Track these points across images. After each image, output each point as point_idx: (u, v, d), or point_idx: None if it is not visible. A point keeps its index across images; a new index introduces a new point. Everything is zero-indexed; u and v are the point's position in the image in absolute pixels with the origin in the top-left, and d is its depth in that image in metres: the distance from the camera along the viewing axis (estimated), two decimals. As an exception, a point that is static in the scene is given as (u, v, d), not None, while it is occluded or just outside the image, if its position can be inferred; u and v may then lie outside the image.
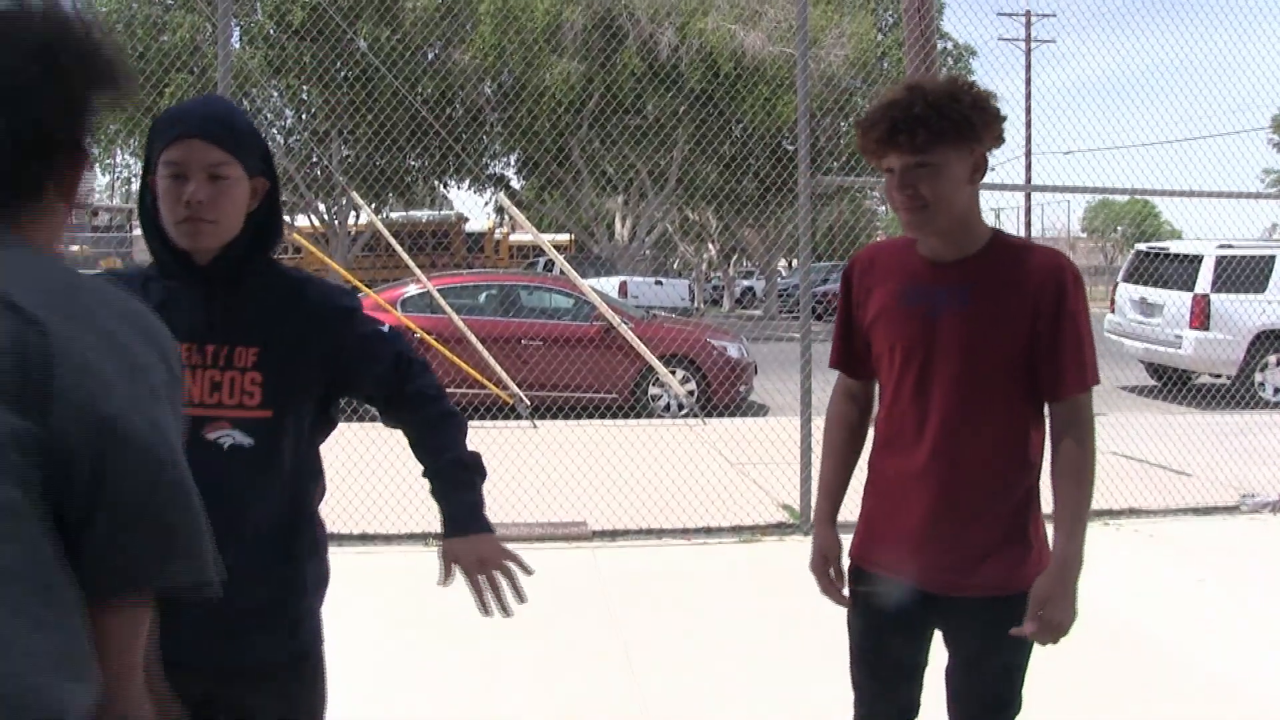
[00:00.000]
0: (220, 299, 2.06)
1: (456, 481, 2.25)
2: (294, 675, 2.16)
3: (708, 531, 6.54)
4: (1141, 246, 14.71)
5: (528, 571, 2.22)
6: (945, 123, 2.21)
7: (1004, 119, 2.34)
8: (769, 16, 21.56)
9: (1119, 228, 58.46)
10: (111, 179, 30.77)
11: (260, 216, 2.10)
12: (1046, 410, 2.36)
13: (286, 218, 23.03)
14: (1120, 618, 5.09)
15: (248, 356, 2.05)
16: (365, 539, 6.38)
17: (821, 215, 29.52)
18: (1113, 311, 14.60)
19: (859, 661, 2.56)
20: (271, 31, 22.84)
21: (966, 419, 2.31)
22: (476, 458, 2.28)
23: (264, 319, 2.08)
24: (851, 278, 2.52)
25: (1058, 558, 2.28)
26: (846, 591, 2.55)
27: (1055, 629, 2.26)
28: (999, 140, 2.35)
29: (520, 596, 2.21)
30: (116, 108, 1.38)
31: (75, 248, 29.81)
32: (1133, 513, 7.01)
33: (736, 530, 6.53)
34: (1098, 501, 7.00)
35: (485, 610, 2.19)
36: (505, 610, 2.19)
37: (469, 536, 2.20)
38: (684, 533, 6.49)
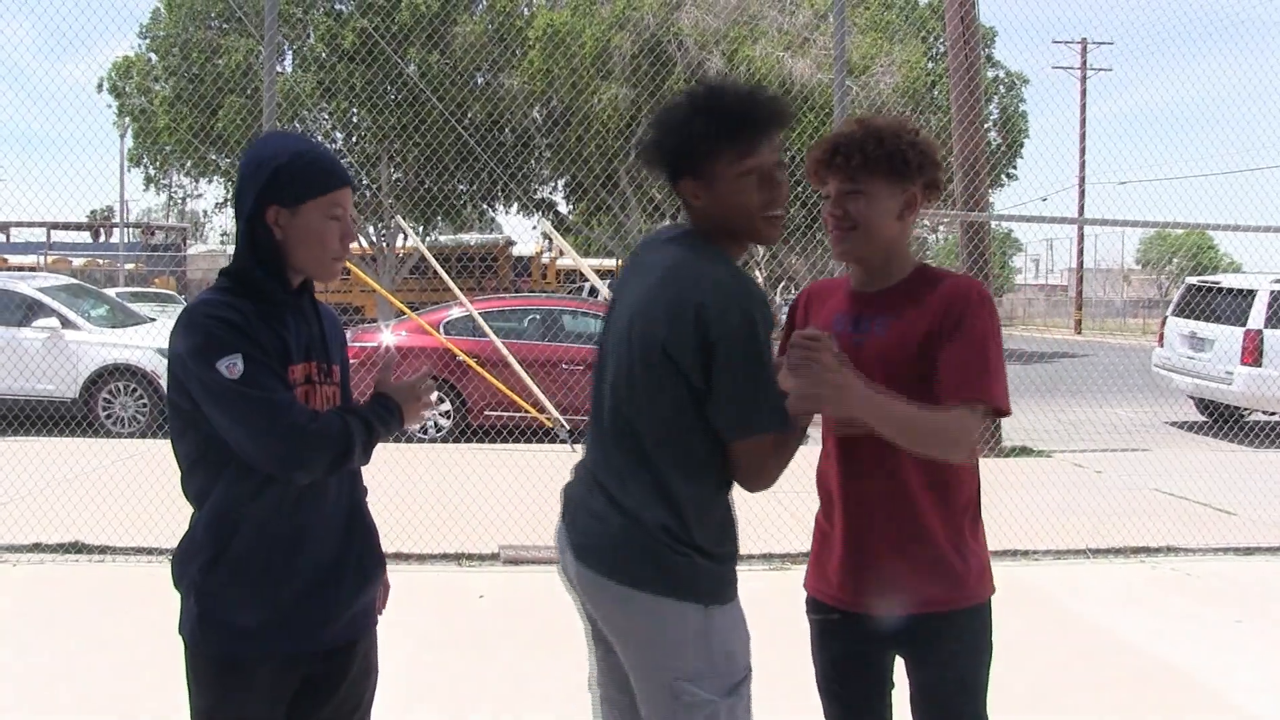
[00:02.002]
0: (312, 322, 2.33)
1: None
2: (366, 653, 2.47)
3: (740, 558, 6.51)
4: (1192, 280, 14.52)
5: None
6: (880, 151, 2.34)
7: (942, 168, 2.45)
8: (817, 44, 21.58)
9: (1174, 259, 57.74)
10: (167, 199, 31.33)
11: None
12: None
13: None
14: (1154, 657, 5.03)
15: (337, 373, 2.37)
16: (398, 558, 6.43)
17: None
18: (1161, 346, 14.41)
19: (824, 691, 2.62)
20: (323, 55, 23.17)
21: (888, 442, 2.25)
22: None
23: (334, 339, 2.39)
24: (796, 310, 2.65)
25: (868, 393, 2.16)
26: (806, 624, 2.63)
27: (811, 381, 2.08)
28: (935, 187, 2.45)
29: None
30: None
31: (130, 265, 30.36)
32: (1171, 551, 6.91)
33: (767, 558, 6.52)
34: (1137, 539, 6.90)
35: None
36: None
37: None
38: (715, 559, 6.47)
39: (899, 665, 2.55)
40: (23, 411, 10.44)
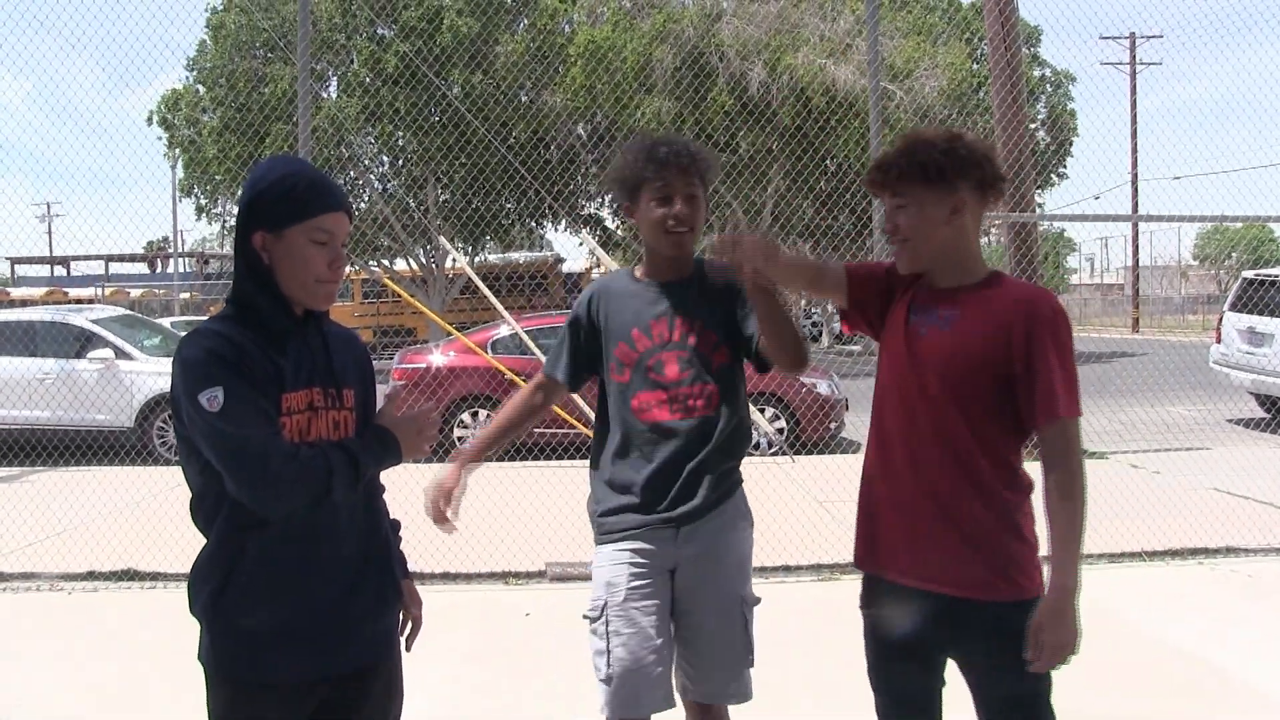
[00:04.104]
0: (316, 348, 2.30)
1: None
2: (388, 676, 2.46)
3: (786, 570, 6.47)
4: (1248, 274, 14.23)
5: None
6: (914, 164, 2.43)
7: (990, 167, 2.47)
8: (859, 50, 21.47)
9: (1233, 254, 56.71)
10: (221, 227, 31.86)
11: None
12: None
13: (385, 262, 23.37)
14: (1210, 662, 4.89)
15: (350, 398, 2.31)
16: (445, 577, 6.46)
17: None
18: (1218, 342, 14.13)
19: (874, 683, 2.67)
20: (367, 80, 23.43)
21: (944, 433, 2.44)
22: None
23: (346, 364, 2.36)
24: (891, 271, 2.67)
25: (1051, 585, 2.35)
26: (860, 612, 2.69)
27: (1055, 651, 2.32)
28: (989, 185, 2.49)
29: None
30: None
31: (186, 294, 30.86)
32: (1230, 551, 6.74)
33: (815, 569, 6.45)
34: (1195, 540, 6.72)
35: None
36: None
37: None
38: (761, 571, 6.42)
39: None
40: (79, 442, 10.61)
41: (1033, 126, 27.63)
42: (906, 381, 2.49)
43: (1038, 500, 2.46)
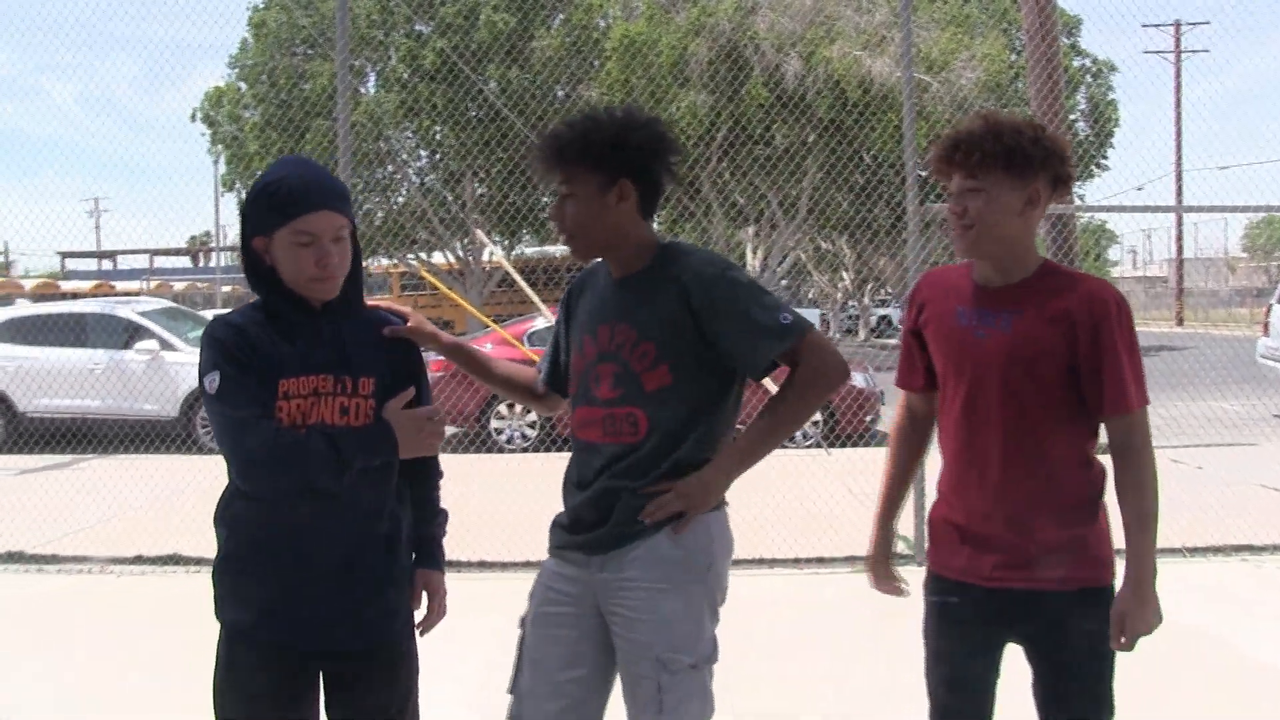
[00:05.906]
0: (329, 336, 2.38)
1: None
2: (389, 660, 2.49)
3: (820, 561, 6.49)
4: (1294, 266, 14.06)
5: None
6: (999, 147, 2.33)
7: (1069, 163, 2.42)
8: (895, 42, 21.36)
9: (1282, 246, 55.92)
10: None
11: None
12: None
13: (423, 255, 23.46)
14: (1256, 660, 4.86)
15: (368, 385, 2.40)
16: (483, 566, 6.54)
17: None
18: (1266, 335, 13.94)
19: (934, 674, 2.62)
20: (405, 75, 23.59)
21: (1011, 434, 2.41)
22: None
23: (367, 352, 2.43)
24: (914, 299, 2.65)
25: (1129, 575, 2.38)
26: (923, 599, 2.65)
27: (1138, 635, 2.41)
28: (1062, 182, 2.43)
29: None
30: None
31: (228, 287, 31.20)
32: (1278, 550, 6.65)
33: (850, 560, 6.46)
34: (1240, 537, 6.66)
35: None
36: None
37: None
38: (795, 562, 6.46)
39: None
40: (127, 431, 10.81)
41: (1072, 118, 27.39)
42: (970, 387, 2.44)
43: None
